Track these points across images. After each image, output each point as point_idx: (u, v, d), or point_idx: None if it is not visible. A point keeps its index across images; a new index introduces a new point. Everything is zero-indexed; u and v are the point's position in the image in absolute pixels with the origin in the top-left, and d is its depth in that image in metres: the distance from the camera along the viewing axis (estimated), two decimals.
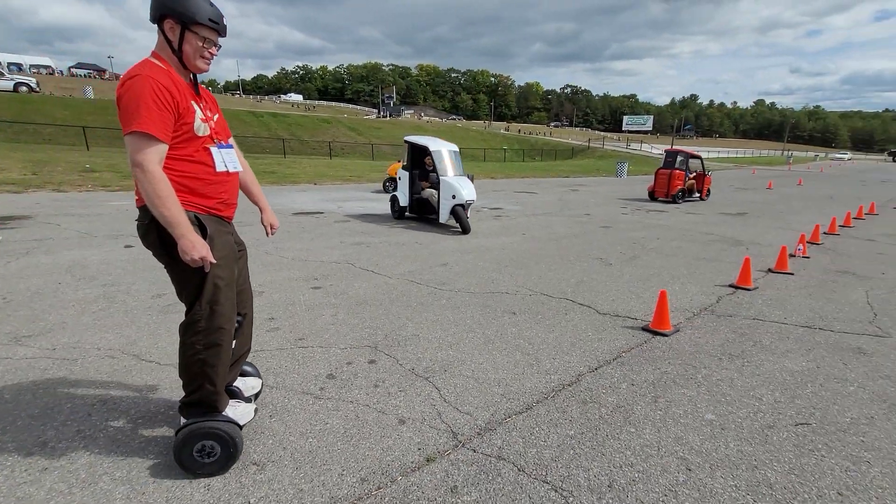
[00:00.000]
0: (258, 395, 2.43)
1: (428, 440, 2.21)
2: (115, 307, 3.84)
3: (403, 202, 8.78)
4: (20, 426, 2.20)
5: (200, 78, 1.95)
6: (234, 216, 2.06)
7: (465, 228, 7.64)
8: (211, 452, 1.87)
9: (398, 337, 3.43)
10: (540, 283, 4.94)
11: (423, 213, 8.77)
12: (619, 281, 5.08)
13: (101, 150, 19.90)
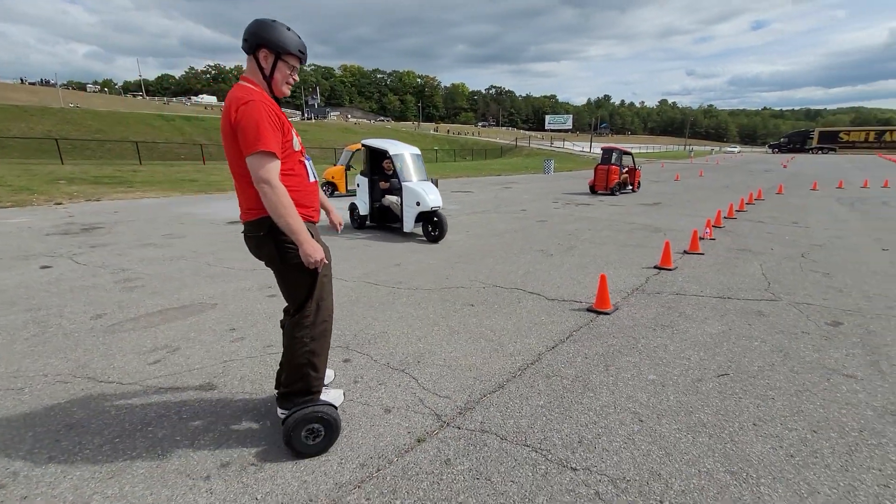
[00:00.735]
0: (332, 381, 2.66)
1: (415, 424, 2.38)
2: (49, 332, 3.57)
3: (364, 211, 8.24)
4: None
5: None
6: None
7: (437, 237, 7.08)
8: (317, 434, 2.09)
9: (367, 335, 3.55)
10: (491, 276, 5.26)
11: (385, 221, 8.26)
12: (560, 269, 5.54)
13: None
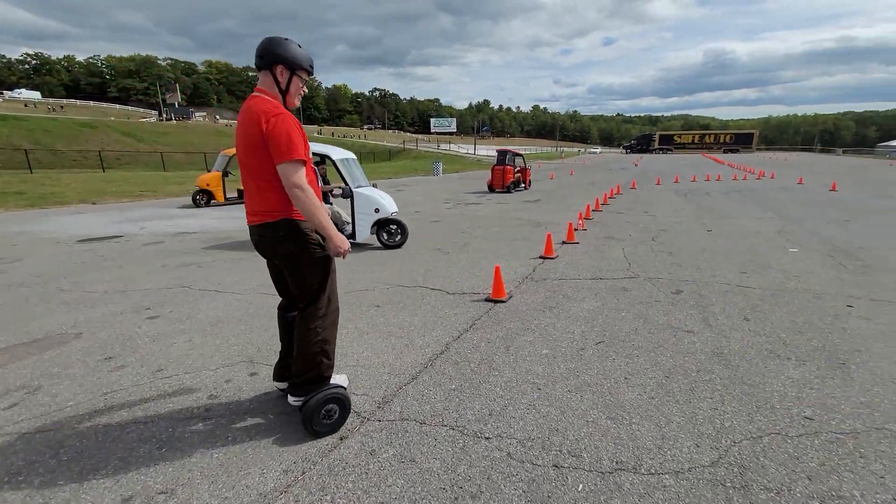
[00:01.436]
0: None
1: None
2: None
3: None
4: None
5: None
6: None
7: (401, 242, 6.96)
8: (332, 414, 2.30)
9: (272, 347, 3.43)
10: (393, 276, 5.38)
11: None
12: (458, 265, 5.88)
13: None
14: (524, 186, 17.24)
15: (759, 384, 2.79)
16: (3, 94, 76.98)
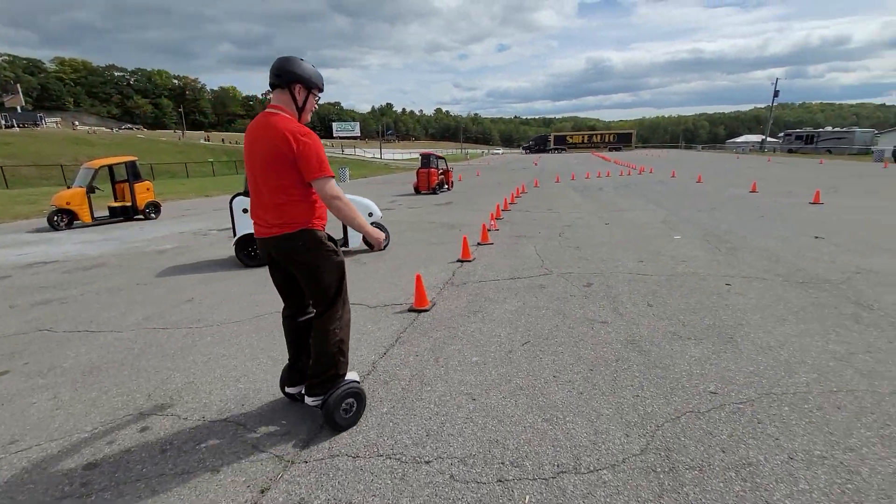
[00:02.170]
0: None
1: (254, 475, 2.11)
2: None
3: None
4: None
5: None
6: None
7: (385, 245, 7.18)
8: (350, 409, 2.44)
9: (167, 391, 2.96)
10: None
11: None
12: (376, 276, 5.66)
13: None
14: (447, 187, 17.80)
15: (669, 366, 3.02)
16: None
